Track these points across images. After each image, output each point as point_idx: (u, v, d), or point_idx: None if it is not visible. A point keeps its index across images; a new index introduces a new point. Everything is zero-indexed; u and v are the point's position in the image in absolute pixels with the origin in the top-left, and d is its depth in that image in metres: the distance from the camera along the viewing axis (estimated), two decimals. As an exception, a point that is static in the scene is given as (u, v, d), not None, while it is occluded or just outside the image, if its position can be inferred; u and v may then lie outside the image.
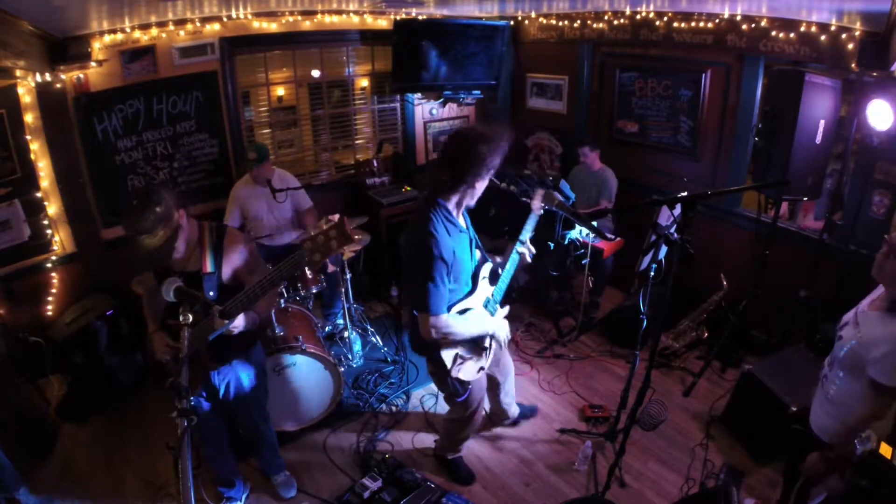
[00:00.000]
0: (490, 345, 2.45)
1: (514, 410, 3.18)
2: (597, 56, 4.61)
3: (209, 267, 2.03)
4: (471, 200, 2.20)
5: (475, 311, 2.33)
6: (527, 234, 2.44)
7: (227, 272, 2.09)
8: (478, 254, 2.42)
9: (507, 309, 2.54)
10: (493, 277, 2.45)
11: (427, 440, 3.13)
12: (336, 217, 1.73)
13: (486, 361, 2.46)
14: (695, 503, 2.43)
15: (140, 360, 3.62)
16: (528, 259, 2.44)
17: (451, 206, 2.17)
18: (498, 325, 2.43)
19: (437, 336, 2.15)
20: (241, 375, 2.33)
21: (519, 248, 2.41)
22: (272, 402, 2.99)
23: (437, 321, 2.10)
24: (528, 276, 4.45)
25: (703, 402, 3.35)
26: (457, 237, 2.18)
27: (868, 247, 3.07)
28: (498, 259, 2.51)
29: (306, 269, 3.46)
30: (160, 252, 1.87)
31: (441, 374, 2.35)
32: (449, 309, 2.18)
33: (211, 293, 2.00)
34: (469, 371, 2.37)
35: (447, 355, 2.28)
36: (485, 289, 2.40)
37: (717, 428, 3.13)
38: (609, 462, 2.72)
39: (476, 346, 2.38)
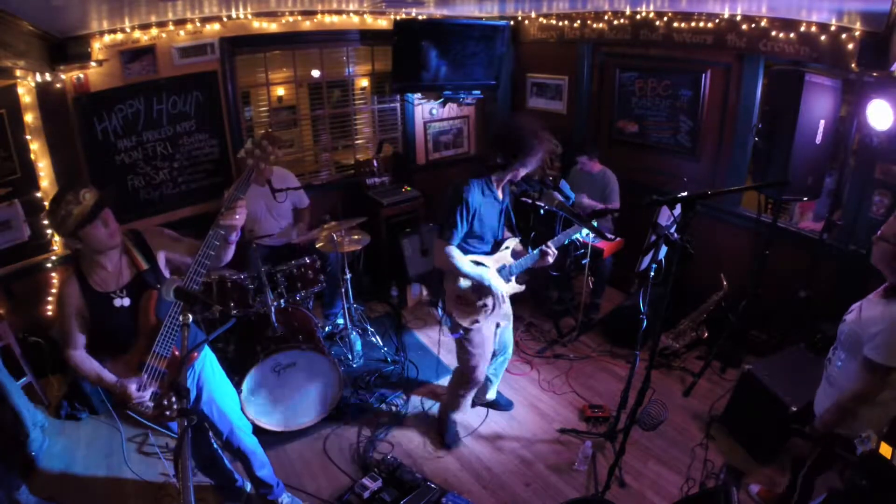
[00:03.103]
0: (491, 304, 2.64)
1: (491, 394, 3.30)
2: (597, 56, 4.61)
3: (143, 264, 2.03)
4: (513, 179, 2.54)
5: (484, 266, 2.60)
6: (559, 242, 2.67)
7: (162, 262, 2.09)
8: (507, 230, 2.76)
9: (522, 287, 2.79)
10: (516, 255, 2.73)
11: (427, 440, 3.13)
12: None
13: (482, 317, 2.66)
14: (695, 503, 2.42)
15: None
16: (549, 260, 2.63)
17: (493, 178, 2.52)
18: (501, 283, 2.63)
19: (444, 261, 2.49)
20: (213, 388, 2.28)
21: (544, 247, 2.62)
22: (272, 402, 2.99)
23: (446, 248, 2.46)
24: (528, 276, 4.44)
25: (703, 402, 3.36)
26: (489, 200, 2.52)
27: (868, 247, 3.06)
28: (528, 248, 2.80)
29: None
30: (94, 214, 1.85)
31: (443, 306, 2.70)
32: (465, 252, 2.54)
33: (158, 286, 1.99)
34: (464, 315, 2.64)
35: (450, 289, 2.62)
36: (504, 257, 2.69)
37: (717, 428, 3.13)
38: (609, 462, 2.72)
39: (477, 294, 2.62)
